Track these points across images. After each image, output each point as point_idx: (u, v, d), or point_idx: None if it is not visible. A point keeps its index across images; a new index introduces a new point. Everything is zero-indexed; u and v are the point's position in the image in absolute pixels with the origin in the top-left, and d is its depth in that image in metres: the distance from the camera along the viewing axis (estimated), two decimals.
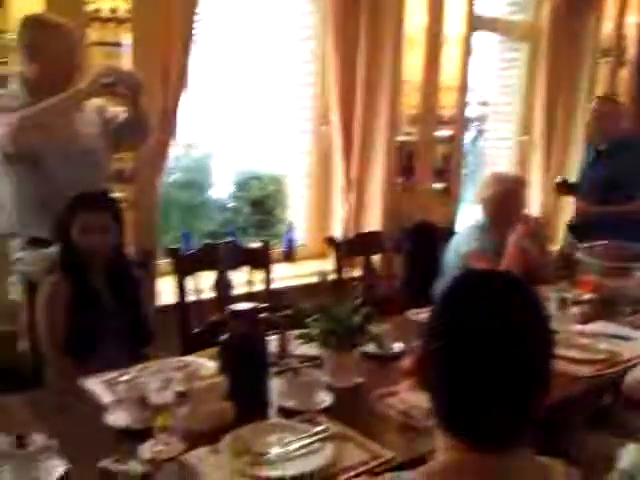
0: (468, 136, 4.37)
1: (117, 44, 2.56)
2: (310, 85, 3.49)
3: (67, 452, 1.32)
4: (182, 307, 2.39)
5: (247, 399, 1.54)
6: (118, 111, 2.25)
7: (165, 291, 2.63)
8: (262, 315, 1.68)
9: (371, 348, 1.93)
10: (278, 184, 4.08)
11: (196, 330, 2.34)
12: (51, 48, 2.04)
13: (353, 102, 3.35)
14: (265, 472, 1.31)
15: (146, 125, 2.23)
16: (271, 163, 4.06)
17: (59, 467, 1.28)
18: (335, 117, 3.36)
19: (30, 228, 2.07)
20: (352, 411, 1.63)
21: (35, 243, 2.06)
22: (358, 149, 3.39)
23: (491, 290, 0.86)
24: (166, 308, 2.51)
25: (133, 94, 2.10)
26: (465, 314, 0.84)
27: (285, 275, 3.15)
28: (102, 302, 1.95)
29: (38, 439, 1.31)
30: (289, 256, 3.46)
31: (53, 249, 1.97)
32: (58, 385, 1.84)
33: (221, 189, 4.40)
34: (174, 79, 2.67)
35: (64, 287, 1.90)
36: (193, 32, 2.68)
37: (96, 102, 2.20)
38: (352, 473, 1.29)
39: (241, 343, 1.59)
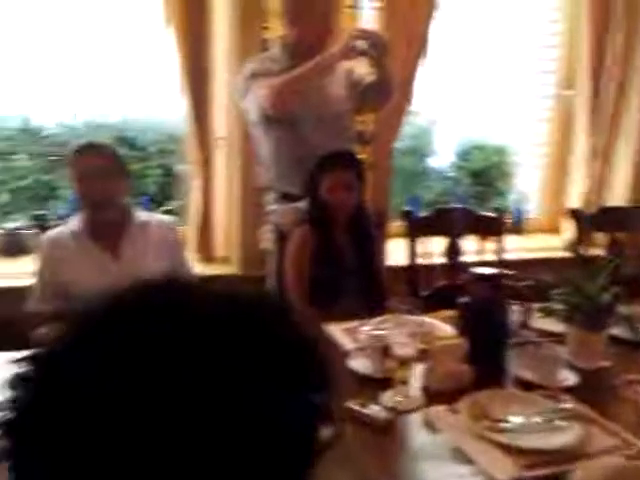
0: None
1: (355, 7, 2.62)
2: (554, 47, 3.24)
3: None
4: (412, 269, 2.42)
5: (486, 364, 1.52)
6: (364, 73, 2.30)
7: (393, 252, 2.68)
8: (504, 282, 1.63)
9: (619, 331, 1.77)
10: (502, 155, 3.90)
11: (425, 293, 2.36)
12: (310, 12, 2.13)
13: (605, 62, 3.04)
14: (506, 440, 1.28)
15: (390, 87, 2.24)
16: (496, 133, 3.89)
17: None
18: (583, 79, 3.08)
19: (284, 183, 2.22)
20: (596, 394, 1.52)
21: (286, 197, 2.21)
22: (608, 115, 3.08)
23: None
24: (394, 269, 2.56)
25: (379, 56, 2.12)
26: None
27: (513, 247, 3.01)
28: (344, 258, 2.05)
29: None
30: (517, 228, 3.31)
31: (302, 204, 2.10)
32: None
33: (442, 158, 4.35)
34: (416, 44, 2.66)
35: (311, 240, 2.03)
36: None
37: (345, 64, 2.25)
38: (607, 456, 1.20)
39: (482, 307, 1.57)
